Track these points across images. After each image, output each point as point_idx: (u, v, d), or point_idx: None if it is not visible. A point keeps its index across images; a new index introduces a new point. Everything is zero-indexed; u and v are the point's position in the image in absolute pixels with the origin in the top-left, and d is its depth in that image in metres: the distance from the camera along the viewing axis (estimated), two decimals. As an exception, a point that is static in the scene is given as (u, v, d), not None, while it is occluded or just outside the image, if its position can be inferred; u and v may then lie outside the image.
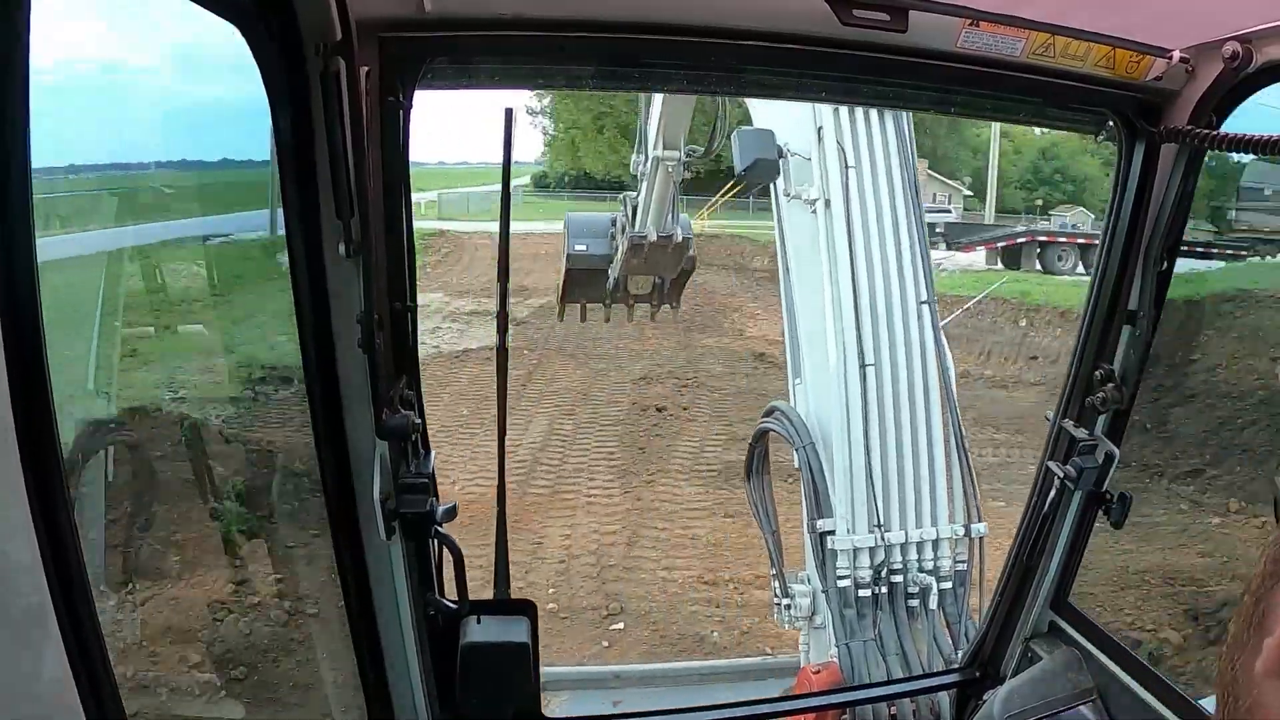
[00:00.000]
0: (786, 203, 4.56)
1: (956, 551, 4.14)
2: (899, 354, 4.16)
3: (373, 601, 1.85)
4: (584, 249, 9.03)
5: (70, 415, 2.44)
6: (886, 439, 4.09)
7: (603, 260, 9.00)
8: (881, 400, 4.09)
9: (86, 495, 2.54)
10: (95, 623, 0.90)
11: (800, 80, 1.83)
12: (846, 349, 4.10)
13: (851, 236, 4.20)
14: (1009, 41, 1.75)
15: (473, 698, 1.93)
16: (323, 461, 1.73)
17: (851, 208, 4.23)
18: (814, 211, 4.29)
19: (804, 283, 4.51)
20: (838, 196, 4.22)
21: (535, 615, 1.98)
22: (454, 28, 1.56)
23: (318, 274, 1.58)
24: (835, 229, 4.21)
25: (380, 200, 1.61)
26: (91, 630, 0.88)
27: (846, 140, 4.27)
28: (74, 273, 3.05)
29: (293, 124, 1.47)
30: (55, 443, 0.82)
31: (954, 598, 4.07)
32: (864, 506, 4.03)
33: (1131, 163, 2.01)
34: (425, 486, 1.76)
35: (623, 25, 1.59)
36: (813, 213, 4.29)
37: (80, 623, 0.86)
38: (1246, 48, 1.74)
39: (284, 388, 3.92)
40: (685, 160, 7.20)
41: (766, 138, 4.53)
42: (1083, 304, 2.23)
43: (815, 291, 4.31)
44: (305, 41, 1.41)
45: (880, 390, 4.10)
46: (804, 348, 4.48)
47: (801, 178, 4.41)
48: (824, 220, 4.24)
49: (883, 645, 3.87)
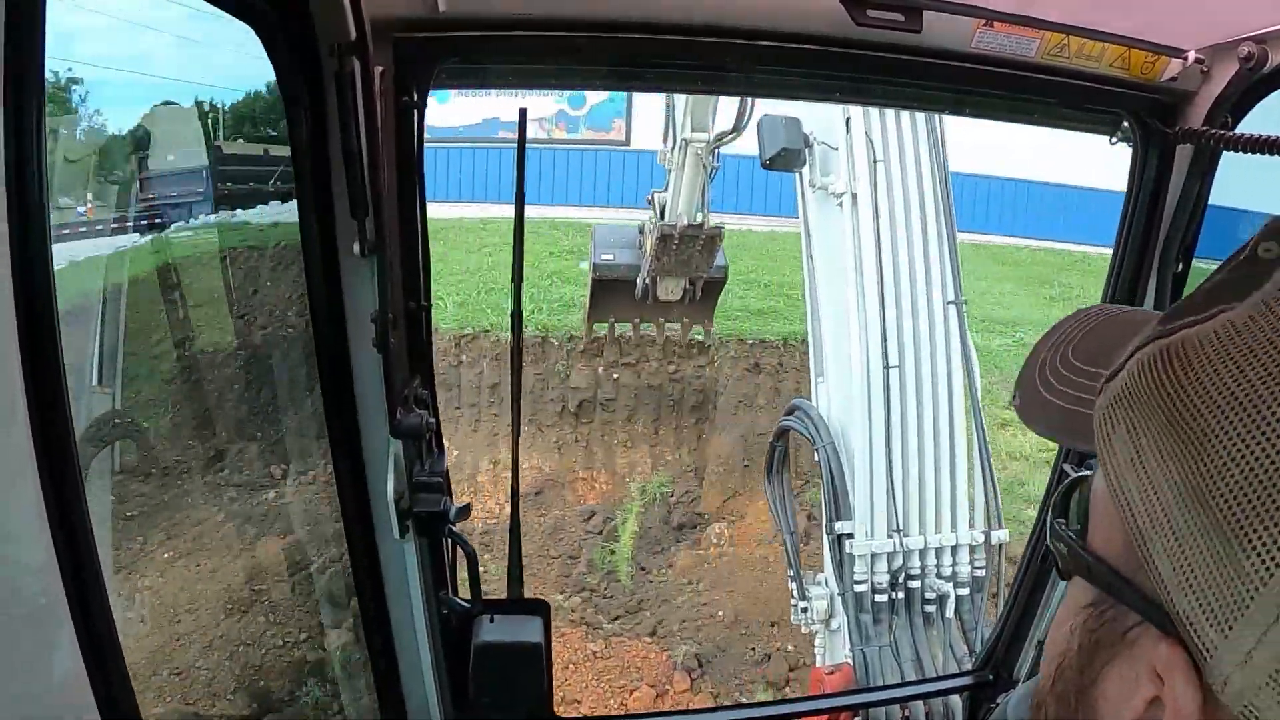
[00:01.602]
0: (812, 194, 4.46)
1: (975, 558, 4.07)
2: (924, 356, 4.08)
3: (386, 599, 1.86)
4: (611, 258, 8.82)
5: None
6: (908, 443, 4.03)
7: (630, 269, 8.79)
8: (904, 403, 4.03)
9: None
10: (109, 616, 0.90)
11: (814, 80, 1.82)
12: (870, 350, 4.03)
13: (879, 233, 4.11)
14: (1023, 42, 1.74)
15: (485, 697, 1.94)
16: (337, 460, 1.74)
17: (879, 203, 4.13)
18: (840, 205, 4.20)
19: (828, 277, 4.43)
20: (865, 191, 4.13)
21: (549, 615, 1.98)
22: (468, 28, 1.56)
23: (332, 273, 1.60)
24: (862, 224, 4.12)
25: (394, 200, 1.62)
26: (105, 624, 0.89)
27: (875, 132, 4.17)
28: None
29: (307, 124, 1.48)
30: (70, 436, 0.83)
31: (971, 605, 4.01)
32: (883, 510, 3.97)
33: (1146, 164, 1.99)
34: (439, 485, 1.77)
35: (637, 25, 1.59)
36: (839, 206, 4.20)
37: (94, 617, 0.87)
38: (1262, 48, 1.73)
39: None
40: (714, 144, 6.91)
41: (793, 126, 4.42)
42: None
43: (840, 287, 4.23)
44: (320, 42, 1.41)
45: (904, 393, 4.03)
46: (827, 345, 4.41)
47: (828, 168, 4.31)
48: (851, 215, 4.15)
49: (898, 652, 3.84)
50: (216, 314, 4.73)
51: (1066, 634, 0.59)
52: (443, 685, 1.96)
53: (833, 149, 4.27)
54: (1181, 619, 0.48)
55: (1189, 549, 0.47)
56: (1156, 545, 0.49)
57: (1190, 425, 0.47)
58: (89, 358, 3.01)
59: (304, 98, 1.46)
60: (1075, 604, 0.58)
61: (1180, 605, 0.48)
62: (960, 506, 4.09)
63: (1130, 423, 0.52)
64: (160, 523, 4.30)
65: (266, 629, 4.50)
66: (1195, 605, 0.47)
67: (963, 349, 4.14)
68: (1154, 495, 0.49)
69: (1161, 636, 0.50)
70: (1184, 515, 0.47)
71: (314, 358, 1.68)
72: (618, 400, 10.67)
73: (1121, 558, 0.54)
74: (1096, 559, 0.56)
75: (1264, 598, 0.44)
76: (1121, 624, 0.54)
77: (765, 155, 4.49)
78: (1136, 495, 0.50)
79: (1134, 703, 0.52)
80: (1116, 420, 0.53)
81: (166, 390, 4.29)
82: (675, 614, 8.22)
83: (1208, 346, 0.49)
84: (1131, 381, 0.53)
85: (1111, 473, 0.53)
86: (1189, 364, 0.49)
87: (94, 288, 3.30)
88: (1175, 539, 0.47)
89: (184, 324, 4.31)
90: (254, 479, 4.47)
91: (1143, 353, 0.53)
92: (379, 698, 1.98)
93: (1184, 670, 0.48)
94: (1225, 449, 0.45)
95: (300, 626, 4.42)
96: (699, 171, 7.26)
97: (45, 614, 0.84)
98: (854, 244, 4.12)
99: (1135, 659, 0.52)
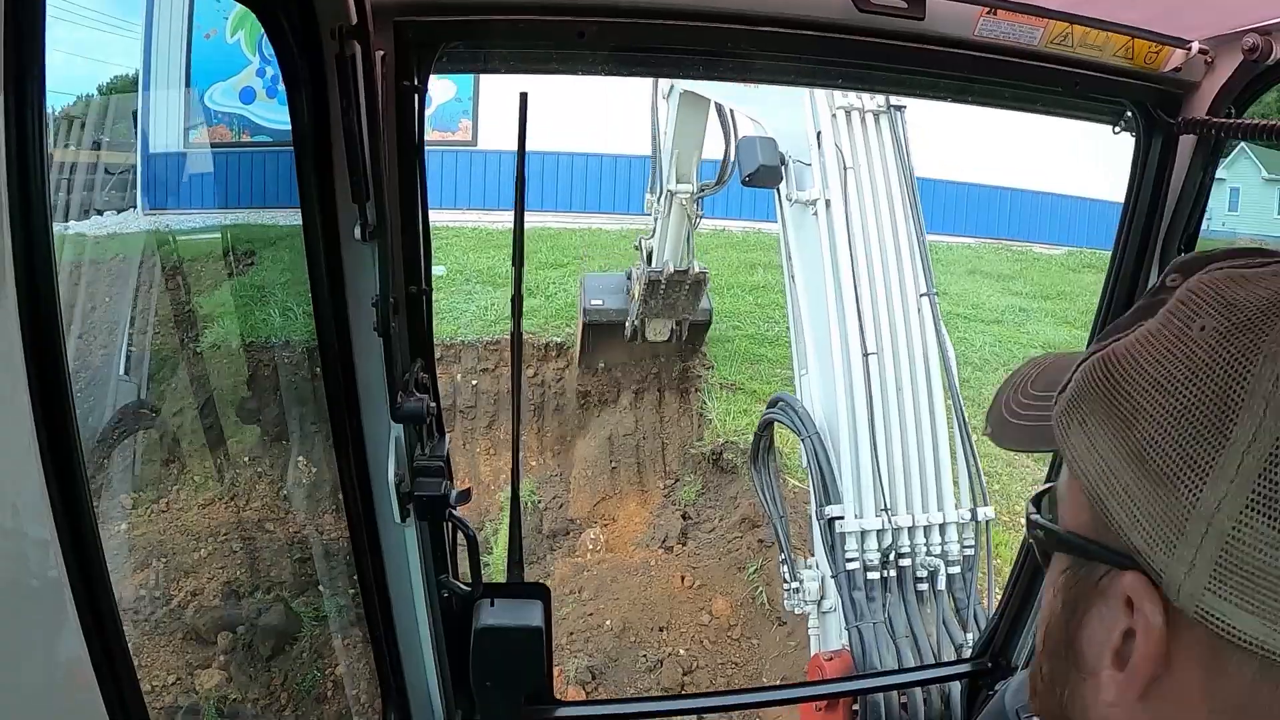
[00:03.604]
0: (789, 205, 4.74)
1: (964, 536, 4.20)
2: (900, 344, 4.28)
3: (387, 583, 1.87)
4: (600, 303, 9.48)
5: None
6: (890, 425, 4.19)
7: (619, 314, 9.47)
8: (884, 387, 4.20)
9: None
10: (112, 604, 0.91)
11: (816, 67, 1.82)
12: (849, 341, 4.23)
13: (851, 233, 4.38)
14: (1027, 30, 1.75)
15: (485, 680, 1.95)
16: (338, 444, 1.75)
17: (850, 206, 4.43)
18: (815, 213, 4.48)
19: (807, 280, 4.68)
20: (837, 196, 4.43)
21: (549, 599, 2.00)
22: (470, 11, 1.56)
23: (334, 258, 1.60)
24: (835, 226, 4.40)
25: (396, 184, 1.62)
26: (109, 612, 0.89)
27: (845, 143, 4.50)
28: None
29: (308, 108, 1.48)
30: (72, 427, 0.83)
31: (962, 582, 4.13)
32: (871, 491, 4.10)
33: (1149, 154, 2.00)
34: (439, 470, 1.77)
35: (639, 10, 1.60)
36: (814, 214, 4.48)
37: (98, 604, 0.87)
38: (1266, 40, 1.74)
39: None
40: (698, 194, 7.51)
41: (769, 145, 4.75)
42: (1099, 295, 2.23)
43: (818, 288, 4.47)
44: (321, 25, 1.42)
45: (883, 377, 4.21)
46: (808, 340, 4.59)
47: (803, 183, 4.63)
48: (824, 219, 4.43)
49: (893, 628, 3.91)
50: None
51: (1050, 600, 0.71)
52: (443, 669, 1.97)
53: (806, 165, 4.58)
54: (1139, 551, 0.60)
55: (1135, 496, 0.60)
56: (1111, 503, 0.62)
57: (1125, 405, 0.62)
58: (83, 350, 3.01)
59: (305, 81, 1.46)
60: (1055, 575, 0.71)
61: (1135, 541, 0.61)
62: (945, 485, 4.21)
63: (1081, 416, 0.66)
64: (161, 502, 4.29)
65: (267, 615, 4.51)
66: (1146, 537, 0.60)
67: (938, 337, 4.35)
68: (1105, 466, 0.63)
69: (1124, 572, 0.62)
70: (1128, 473, 0.61)
71: (315, 342, 1.69)
72: (477, 407, 10.53)
73: (1088, 527, 0.66)
74: (1071, 534, 0.68)
75: (1195, 517, 0.57)
76: (1093, 576, 0.66)
77: (745, 172, 4.81)
78: (1092, 470, 0.64)
79: (1113, 637, 0.63)
80: (1071, 419, 0.67)
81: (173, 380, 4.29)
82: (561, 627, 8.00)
83: (1133, 348, 0.64)
84: (1078, 386, 0.68)
85: (1073, 461, 0.66)
86: (1119, 363, 0.65)
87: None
88: (1125, 492, 0.61)
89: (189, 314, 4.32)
90: (258, 464, 4.47)
91: (1085, 364, 0.68)
92: (380, 681, 1.99)
93: (1146, 591, 0.60)
94: (1152, 416, 0.60)
95: (301, 612, 4.43)
96: (684, 220, 7.82)
97: (49, 607, 0.84)
98: (829, 246, 4.37)
99: (1108, 599, 0.64)
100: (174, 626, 4.15)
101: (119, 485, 3.53)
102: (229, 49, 8.56)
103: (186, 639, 4.19)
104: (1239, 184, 21.12)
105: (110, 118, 5.97)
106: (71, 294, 3.46)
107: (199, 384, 4.41)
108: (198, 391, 4.37)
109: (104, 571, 0.88)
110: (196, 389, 4.38)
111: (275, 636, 4.42)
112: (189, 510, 4.36)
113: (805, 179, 4.60)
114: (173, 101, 7.72)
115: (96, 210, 5.25)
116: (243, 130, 8.43)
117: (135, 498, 3.98)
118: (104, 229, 5.15)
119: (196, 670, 4.06)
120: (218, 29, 8.61)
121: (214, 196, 6.26)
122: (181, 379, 4.36)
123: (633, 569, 8.86)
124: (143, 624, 3.98)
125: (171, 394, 4.31)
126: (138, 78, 7.22)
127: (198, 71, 8.03)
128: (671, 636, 8.18)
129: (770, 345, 10.97)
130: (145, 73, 6.98)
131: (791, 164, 4.69)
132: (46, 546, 0.81)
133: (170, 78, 7.49)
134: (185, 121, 7.27)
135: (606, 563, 9.13)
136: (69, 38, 5.55)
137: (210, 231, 5.68)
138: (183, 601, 4.28)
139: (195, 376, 4.42)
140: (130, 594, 3.95)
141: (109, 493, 3.00)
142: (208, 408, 4.36)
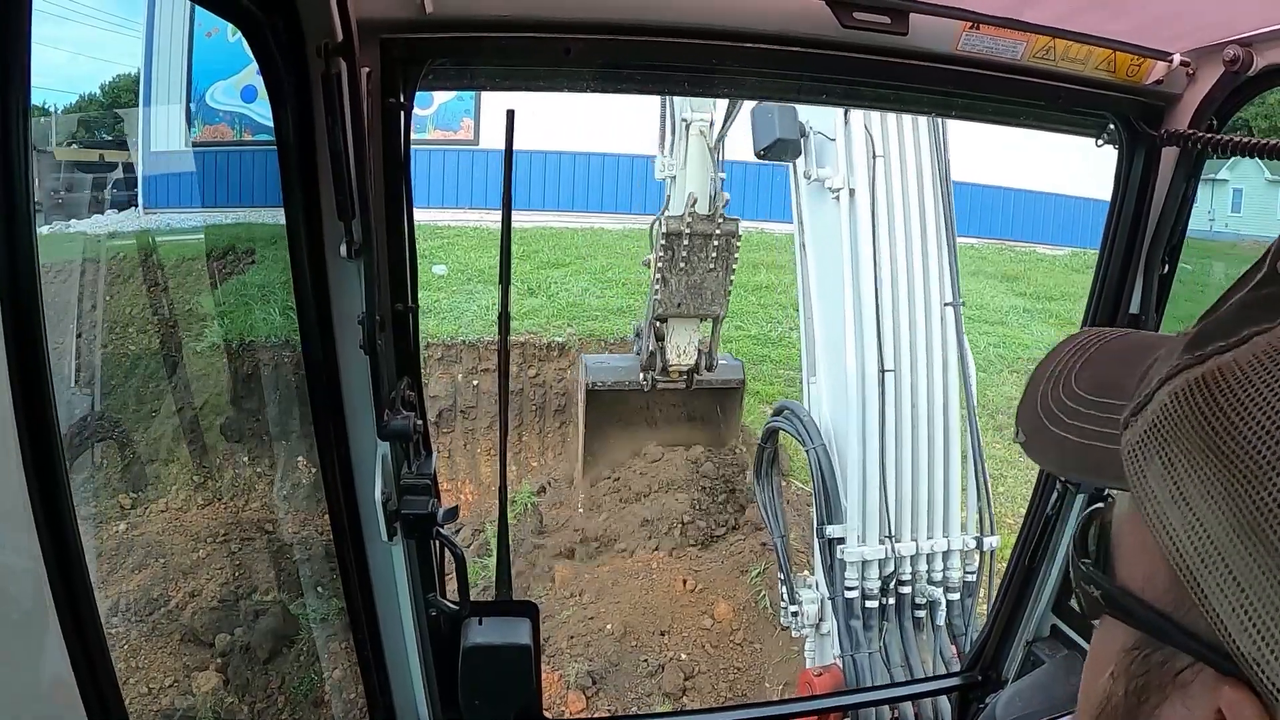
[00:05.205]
0: (806, 185, 4.32)
1: (967, 563, 4.02)
2: (919, 359, 3.99)
3: (375, 602, 1.85)
4: (604, 378, 8.07)
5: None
6: (902, 447, 3.95)
7: (628, 382, 7.84)
8: (899, 407, 3.94)
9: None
10: (96, 618, 0.90)
11: (801, 82, 1.82)
12: (865, 352, 3.93)
13: (876, 231, 4.00)
14: (1010, 44, 1.74)
15: (474, 699, 1.94)
16: (325, 463, 1.73)
17: (877, 200, 4.02)
18: (836, 200, 4.07)
19: (822, 274, 4.30)
20: (863, 187, 4.01)
21: (537, 617, 1.98)
22: (455, 29, 1.55)
23: (319, 275, 1.58)
24: (859, 221, 4.02)
25: (381, 201, 1.60)
26: (92, 625, 0.88)
27: (875, 127, 4.05)
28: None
29: (294, 125, 1.47)
30: (54, 433, 0.82)
31: (961, 609, 3.98)
32: (875, 516, 3.90)
33: (1132, 167, 2.01)
34: (426, 488, 1.76)
35: (625, 28, 1.58)
36: (835, 201, 4.08)
37: (81, 618, 0.86)
38: (1247, 51, 1.73)
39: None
40: (724, 127, 6.09)
41: (788, 114, 4.28)
42: (1084, 310, 2.22)
43: (834, 285, 4.12)
44: (307, 42, 1.40)
45: (899, 397, 3.94)
46: (820, 346, 4.30)
47: (824, 159, 4.17)
48: (847, 211, 4.04)
49: (888, 657, 3.81)
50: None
51: (1106, 680, 0.55)
52: (431, 687, 1.96)
53: (830, 140, 4.13)
54: (1246, 659, 0.45)
55: (1248, 588, 0.44)
56: (1210, 585, 0.46)
57: (1239, 457, 0.45)
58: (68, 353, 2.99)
59: (290, 98, 1.45)
60: (1111, 647, 0.55)
61: (1243, 646, 0.45)
62: (953, 512, 4.03)
63: (1167, 458, 0.49)
64: (145, 514, 4.28)
65: (252, 633, 4.49)
66: (1261, 646, 0.44)
67: (959, 352, 4.05)
68: (1202, 533, 0.46)
69: (1222, 678, 0.47)
70: (1239, 553, 0.44)
71: (300, 359, 1.67)
72: (478, 408, 10.35)
73: (1166, 598, 0.50)
74: (1138, 601, 0.52)
75: None
76: (1172, 667, 0.50)
77: (759, 145, 4.34)
78: (1182, 533, 0.47)
79: None
80: (1150, 456, 0.50)
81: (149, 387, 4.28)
82: (562, 630, 7.90)
83: (1249, 372, 0.46)
84: (1165, 415, 0.50)
85: (1150, 511, 0.50)
86: (1230, 392, 0.46)
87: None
88: (1231, 578, 0.45)
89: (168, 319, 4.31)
90: (242, 479, 4.46)
91: (1173, 384, 0.50)
92: (368, 700, 1.97)
93: (1253, 711, 0.46)
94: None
95: (288, 632, 4.40)
96: (706, 156, 6.20)
97: (32, 617, 0.83)
98: (849, 240, 4.01)
99: (1192, 701, 0.49)
100: (162, 642, 4.15)
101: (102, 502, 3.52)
102: (230, 47, 8.57)
103: (182, 642, 4.19)
104: (1242, 185, 21.04)
105: (110, 117, 5.98)
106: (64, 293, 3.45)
107: (180, 393, 4.40)
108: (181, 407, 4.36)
109: (89, 589, 0.88)
110: (179, 400, 4.37)
111: (264, 652, 4.41)
112: (171, 532, 4.34)
113: (827, 154, 4.15)
114: (174, 100, 7.73)
115: (96, 210, 5.25)
116: (244, 129, 8.44)
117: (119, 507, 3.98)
118: (104, 228, 5.15)
119: (189, 681, 4.06)
120: (219, 27, 8.62)
121: (214, 196, 6.26)
122: (160, 388, 4.35)
123: (634, 572, 8.83)
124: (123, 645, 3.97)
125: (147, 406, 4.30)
126: (138, 77, 7.23)
127: (199, 70, 8.04)
128: (673, 641, 8.15)
129: (774, 346, 10.93)
130: (146, 72, 6.99)
131: (813, 136, 4.23)
132: (31, 562, 0.81)
133: (171, 76, 7.51)
134: (186, 121, 7.28)
135: (607, 565, 9.11)
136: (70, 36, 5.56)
137: (210, 231, 5.67)
138: (171, 614, 4.27)
139: (177, 385, 4.41)
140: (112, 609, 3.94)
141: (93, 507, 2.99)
142: (192, 423, 4.35)
